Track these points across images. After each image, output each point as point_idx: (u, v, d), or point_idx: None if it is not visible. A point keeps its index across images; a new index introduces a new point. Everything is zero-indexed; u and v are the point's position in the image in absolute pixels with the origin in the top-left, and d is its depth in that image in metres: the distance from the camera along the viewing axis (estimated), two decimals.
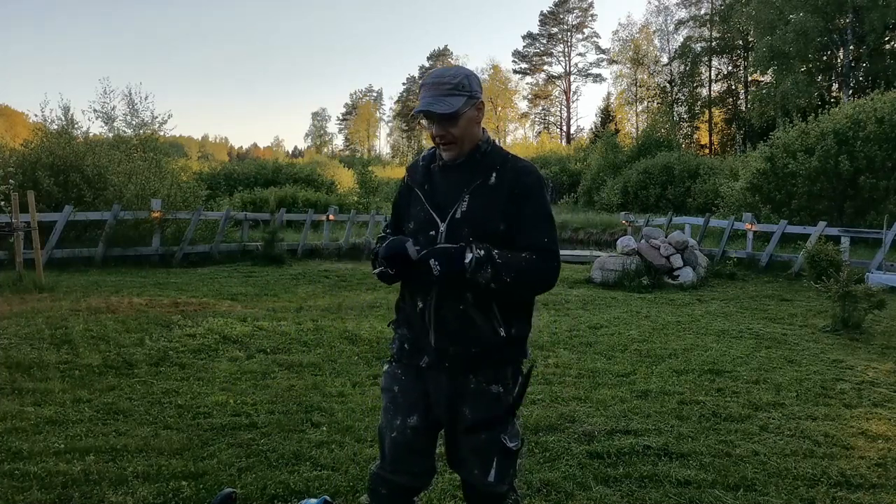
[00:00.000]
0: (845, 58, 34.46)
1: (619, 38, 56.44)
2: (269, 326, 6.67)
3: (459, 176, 2.11)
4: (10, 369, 4.84)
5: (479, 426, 2.11)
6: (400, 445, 2.17)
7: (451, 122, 2.05)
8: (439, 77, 2.08)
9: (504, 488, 2.18)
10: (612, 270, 11.25)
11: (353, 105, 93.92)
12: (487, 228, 2.04)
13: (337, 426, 3.99)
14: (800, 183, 16.55)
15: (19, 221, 9.22)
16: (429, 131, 2.13)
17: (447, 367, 2.10)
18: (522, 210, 2.07)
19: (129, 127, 19.83)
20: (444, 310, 2.08)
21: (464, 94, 2.06)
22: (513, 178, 2.08)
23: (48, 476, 3.15)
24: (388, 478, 2.20)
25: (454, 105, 2.04)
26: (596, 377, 5.25)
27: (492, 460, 2.14)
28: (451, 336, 2.08)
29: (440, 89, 2.05)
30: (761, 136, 25.01)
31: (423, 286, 2.10)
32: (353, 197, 27.18)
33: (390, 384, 2.23)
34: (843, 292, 7.29)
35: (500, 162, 2.12)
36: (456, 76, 2.07)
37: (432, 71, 2.15)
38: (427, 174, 2.19)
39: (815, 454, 3.71)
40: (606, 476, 3.38)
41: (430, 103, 2.04)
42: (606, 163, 35.08)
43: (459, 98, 2.06)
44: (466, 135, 2.09)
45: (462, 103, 2.05)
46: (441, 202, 2.11)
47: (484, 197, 2.07)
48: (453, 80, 2.06)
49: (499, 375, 2.13)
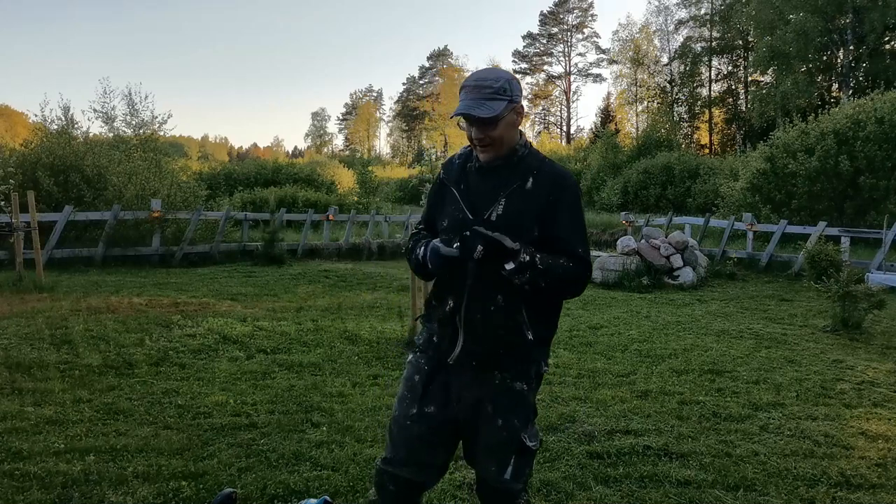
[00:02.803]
0: (845, 58, 34.44)
1: (619, 38, 56.42)
2: (269, 326, 6.67)
3: (496, 178, 2.11)
4: (10, 369, 4.84)
5: (501, 423, 2.13)
6: (412, 434, 2.17)
7: (491, 126, 2.04)
8: (481, 80, 2.06)
9: (518, 487, 2.19)
10: (612, 270, 11.25)
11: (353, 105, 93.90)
12: (521, 233, 2.04)
13: (337, 426, 3.99)
14: (800, 183, 16.54)
15: (19, 221, 9.22)
16: (466, 133, 2.12)
17: (473, 364, 2.12)
18: (559, 217, 2.08)
19: (128, 127, 19.86)
20: (474, 311, 2.09)
21: (504, 97, 2.05)
22: (549, 185, 2.09)
23: (48, 476, 3.15)
24: (395, 472, 2.20)
25: (495, 109, 2.03)
26: (596, 377, 5.25)
27: (510, 458, 2.15)
28: (480, 337, 2.10)
29: (481, 92, 2.04)
30: (761, 136, 24.99)
31: (456, 286, 2.11)
32: (353, 197, 27.19)
33: (411, 373, 2.24)
34: (843, 292, 7.29)
35: (536, 166, 2.12)
36: (498, 80, 2.06)
37: (474, 73, 2.13)
38: (463, 173, 2.19)
39: (815, 454, 3.71)
40: (606, 476, 3.38)
41: (470, 106, 2.03)
42: (606, 163, 35.06)
43: (500, 102, 2.04)
44: (505, 138, 2.08)
45: (503, 107, 2.04)
46: (476, 203, 2.11)
47: (520, 201, 2.08)
48: (495, 84, 2.05)
49: (523, 373, 2.16)
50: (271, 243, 13.62)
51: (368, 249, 16.01)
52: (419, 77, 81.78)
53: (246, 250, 13.98)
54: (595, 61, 69.00)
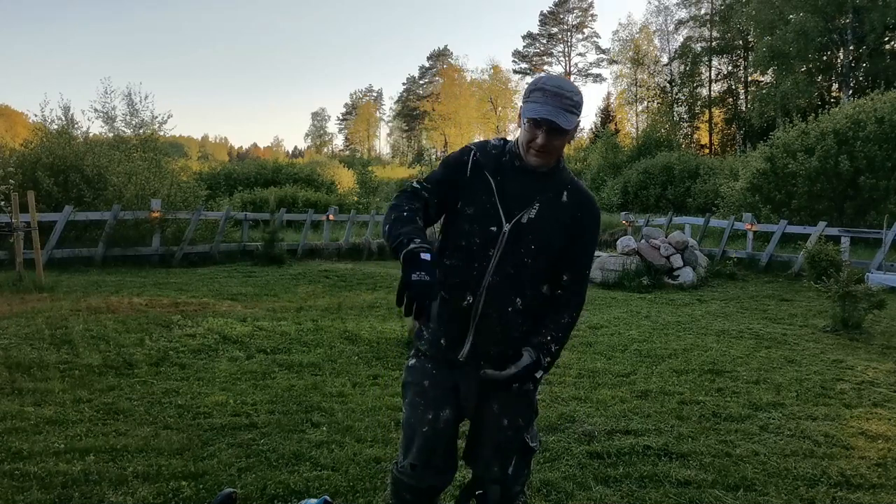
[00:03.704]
0: (845, 58, 34.44)
1: (619, 38, 56.39)
2: (269, 326, 6.67)
3: (532, 182, 2.09)
4: (10, 369, 4.84)
5: (506, 423, 2.14)
6: (431, 440, 2.15)
7: (560, 137, 2.03)
8: (563, 89, 2.01)
9: (517, 488, 2.19)
10: (612, 270, 11.25)
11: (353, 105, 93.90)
12: (550, 241, 2.08)
13: (337, 426, 3.99)
14: (800, 183, 16.54)
15: (19, 221, 9.22)
16: (526, 133, 2.05)
17: (482, 364, 2.11)
18: (580, 237, 2.13)
19: (128, 127, 19.86)
20: (491, 310, 2.08)
21: (578, 113, 2.04)
22: (580, 204, 2.13)
23: (48, 476, 3.15)
24: (415, 483, 2.18)
25: (572, 123, 2.02)
26: (596, 377, 5.25)
27: (511, 458, 2.16)
28: (493, 336, 2.10)
29: (563, 102, 1.99)
30: (761, 136, 24.99)
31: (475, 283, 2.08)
32: (353, 197, 27.19)
33: (419, 378, 2.19)
34: (843, 292, 7.29)
35: (569, 182, 2.15)
36: (577, 94, 2.03)
37: (550, 77, 2.08)
38: (499, 165, 2.12)
39: (815, 454, 3.72)
40: (606, 476, 3.38)
41: (554, 113, 1.98)
42: (606, 163, 35.07)
43: (575, 117, 2.03)
44: (561, 152, 2.12)
45: (576, 123, 2.05)
46: (510, 200, 2.08)
47: (554, 211, 2.09)
48: (575, 98, 2.02)
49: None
50: (271, 243, 13.62)
51: (368, 249, 16.01)
52: (419, 77, 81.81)
53: (246, 250, 13.98)
54: (595, 61, 69.04)
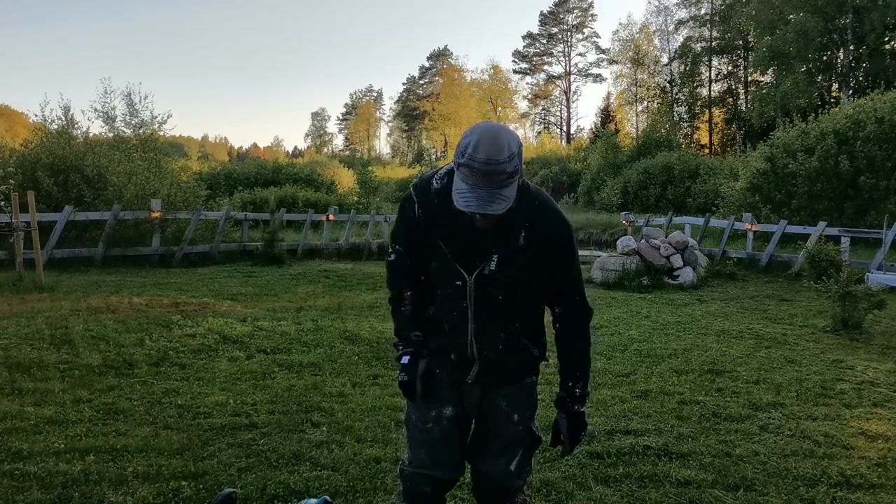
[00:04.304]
0: (845, 58, 34.43)
1: (619, 38, 56.36)
2: (269, 326, 6.67)
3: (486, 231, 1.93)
4: (10, 369, 4.84)
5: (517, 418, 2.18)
6: (436, 436, 2.16)
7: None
8: (493, 163, 1.75)
9: (520, 482, 2.21)
10: (612, 270, 11.24)
11: (353, 105, 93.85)
12: (519, 284, 2.02)
13: (337, 426, 3.99)
14: (800, 183, 16.53)
15: (19, 221, 9.22)
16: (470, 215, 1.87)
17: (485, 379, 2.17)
18: (557, 270, 2.03)
19: (128, 127, 19.84)
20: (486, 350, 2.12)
21: (517, 175, 1.81)
22: (542, 240, 1.98)
23: (48, 476, 3.15)
24: (430, 473, 2.17)
25: (510, 197, 1.79)
26: (596, 377, 5.24)
27: (517, 452, 2.18)
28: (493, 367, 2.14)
29: (495, 180, 1.76)
30: (761, 136, 24.99)
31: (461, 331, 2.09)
32: (353, 197, 27.17)
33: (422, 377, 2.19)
34: (843, 292, 7.29)
35: (527, 216, 1.95)
36: (510, 157, 1.77)
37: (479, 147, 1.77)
38: (444, 217, 1.95)
39: (815, 454, 3.71)
40: (606, 476, 3.38)
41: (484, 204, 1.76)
42: (606, 163, 35.09)
43: (513, 186, 1.80)
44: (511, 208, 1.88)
45: (515, 189, 1.82)
46: (466, 256, 1.97)
47: (513, 257, 1.96)
48: (508, 167, 1.76)
49: (532, 368, 2.23)
50: (271, 243, 13.62)
51: (368, 249, 16.01)
52: (419, 77, 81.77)
53: (246, 250, 13.98)
54: (595, 61, 68.98)
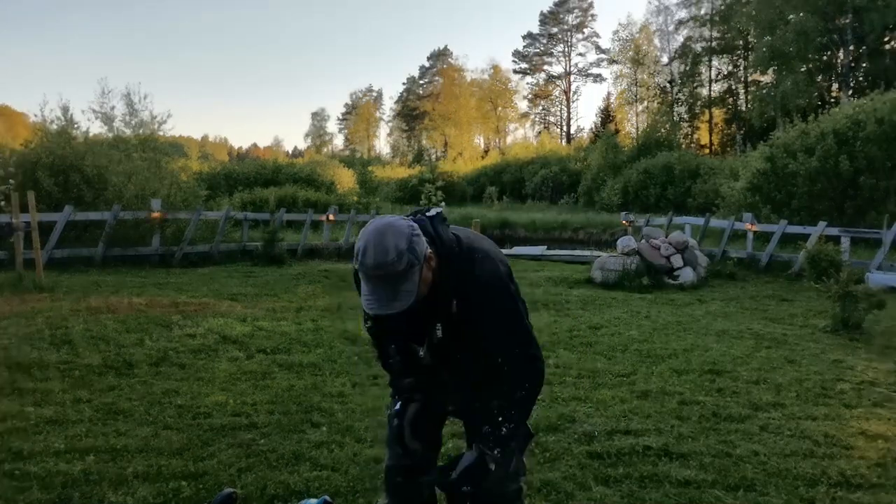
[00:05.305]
0: (845, 58, 34.44)
1: (619, 38, 56.32)
2: (269, 326, 6.67)
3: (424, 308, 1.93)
4: (10, 369, 4.84)
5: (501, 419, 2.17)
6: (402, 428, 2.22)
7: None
8: (380, 265, 1.78)
9: (517, 484, 2.22)
10: (612, 270, 11.24)
11: (353, 105, 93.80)
12: (471, 342, 2.02)
13: (337, 426, 3.99)
14: (800, 183, 16.54)
15: (19, 221, 9.22)
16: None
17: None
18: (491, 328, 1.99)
19: (128, 127, 19.86)
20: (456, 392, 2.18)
21: (415, 266, 1.81)
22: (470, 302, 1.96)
23: (48, 476, 3.15)
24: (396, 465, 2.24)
25: (412, 291, 1.81)
26: (596, 377, 5.25)
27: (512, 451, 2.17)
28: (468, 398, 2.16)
29: (389, 281, 1.79)
30: (761, 136, 24.99)
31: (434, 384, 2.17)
32: (353, 197, 27.17)
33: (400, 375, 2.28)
34: (843, 292, 7.29)
35: (455, 283, 1.94)
36: (399, 255, 1.78)
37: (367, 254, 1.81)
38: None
39: (815, 454, 3.71)
40: (606, 476, 3.38)
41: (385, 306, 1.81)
42: (606, 163, 35.05)
43: (413, 279, 1.81)
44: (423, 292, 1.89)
45: (417, 279, 1.82)
46: (410, 333, 2.04)
47: (454, 324, 2.00)
48: (399, 266, 1.77)
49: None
50: (271, 243, 13.61)
51: None
52: (419, 77, 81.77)
53: (246, 250, 13.98)
54: (595, 61, 69.09)
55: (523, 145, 57.47)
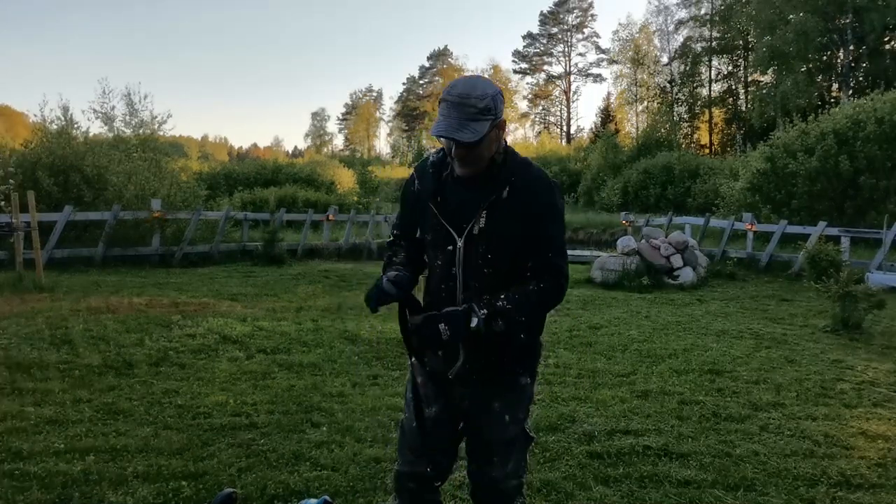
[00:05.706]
0: (845, 58, 34.45)
1: (619, 38, 56.38)
2: (269, 326, 6.67)
3: (474, 189, 2.02)
4: (10, 369, 4.84)
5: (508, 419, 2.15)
6: (419, 433, 2.19)
7: (473, 147, 1.95)
8: (465, 97, 1.91)
9: (515, 482, 2.22)
10: (612, 270, 11.25)
11: (353, 105, 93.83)
12: (506, 244, 2.01)
13: (337, 426, 3.99)
14: (800, 183, 16.54)
15: (19, 221, 9.22)
16: (444, 145, 2.02)
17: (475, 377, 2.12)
18: (535, 226, 2.01)
19: (128, 127, 19.87)
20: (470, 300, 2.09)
21: (489, 117, 1.93)
22: (525, 192, 2.01)
23: (48, 476, 3.15)
24: (409, 471, 2.21)
25: (479, 132, 1.91)
26: (596, 377, 5.25)
27: (512, 452, 2.17)
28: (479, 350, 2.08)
29: (464, 111, 1.90)
30: (761, 136, 25.01)
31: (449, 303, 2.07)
32: (353, 197, 27.20)
33: (413, 375, 2.26)
34: (843, 292, 7.29)
35: (513, 173, 2.03)
36: (483, 97, 1.91)
37: (456, 85, 1.97)
38: (438, 183, 2.08)
39: (815, 454, 3.71)
40: (606, 476, 3.38)
41: (452, 129, 1.90)
42: (606, 163, 35.08)
43: (484, 123, 1.92)
44: (486, 155, 1.99)
45: (486, 128, 1.92)
46: (456, 217, 2.04)
47: (500, 212, 2.01)
48: (479, 103, 1.91)
49: (525, 366, 2.18)
50: (271, 243, 13.63)
51: (368, 249, 16.01)
52: (419, 77, 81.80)
53: (246, 250, 13.99)
54: (595, 61, 69.12)
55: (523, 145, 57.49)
